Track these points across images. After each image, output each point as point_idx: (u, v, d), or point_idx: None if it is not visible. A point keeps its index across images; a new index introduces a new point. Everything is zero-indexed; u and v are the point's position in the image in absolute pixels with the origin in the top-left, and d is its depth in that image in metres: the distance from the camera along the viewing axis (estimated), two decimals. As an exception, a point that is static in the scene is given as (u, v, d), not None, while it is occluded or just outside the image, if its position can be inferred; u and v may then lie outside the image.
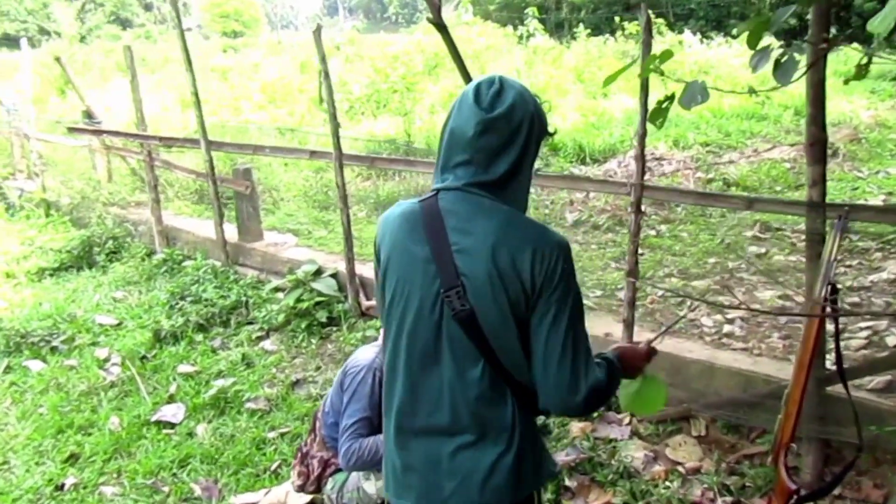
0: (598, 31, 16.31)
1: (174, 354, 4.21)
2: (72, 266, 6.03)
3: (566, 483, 2.71)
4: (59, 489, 3.05)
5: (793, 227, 5.01)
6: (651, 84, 2.79)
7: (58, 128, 8.71)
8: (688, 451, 2.84)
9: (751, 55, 1.49)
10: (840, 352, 1.65)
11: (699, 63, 12.35)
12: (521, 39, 15.03)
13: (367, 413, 2.35)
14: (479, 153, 1.37)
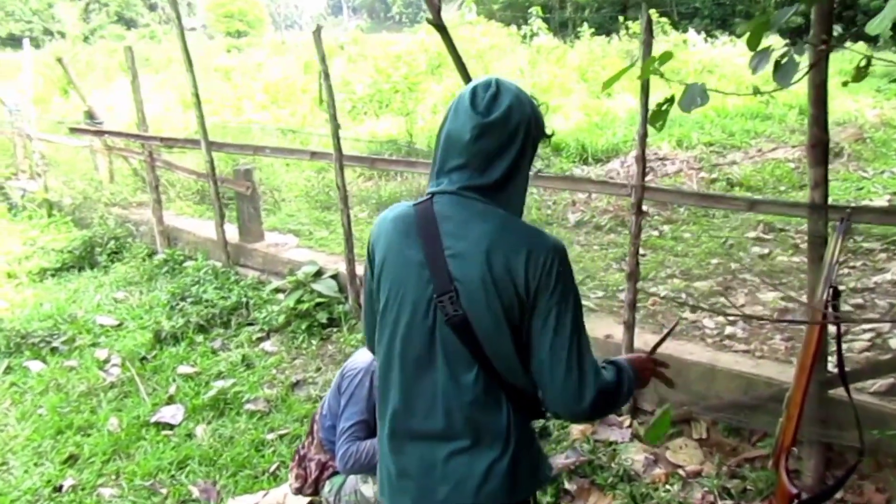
0: (603, 31, 16.29)
1: (174, 355, 4.20)
2: (73, 266, 6.03)
3: (566, 486, 2.70)
4: (58, 490, 3.05)
5: (796, 228, 4.98)
6: (655, 83, 2.76)
7: (60, 128, 8.73)
8: (688, 454, 2.82)
9: (751, 56, 1.47)
10: (842, 355, 1.63)
11: (703, 62, 12.32)
12: (525, 39, 15.00)
13: (365, 416, 2.33)
14: (475, 157, 1.35)
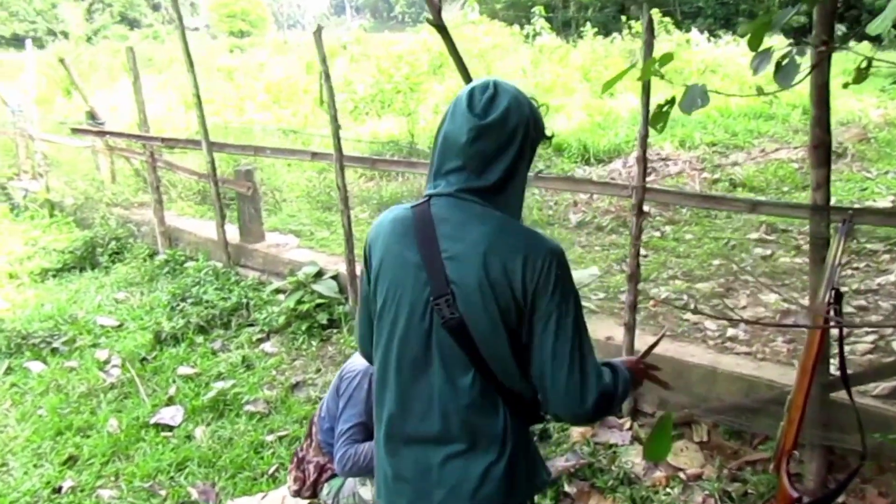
0: (606, 30, 16.26)
1: (174, 356, 4.19)
2: (75, 267, 6.03)
3: (566, 489, 2.69)
4: (57, 492, 3.04)
5: (799, 229, 4.95)
6: (657, 83, 2.74)
7: (62, 128, 8.74)
8: (689, 457, 2.81)
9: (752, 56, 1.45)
10: (843, 358, 1.62)
11: (706, 62, 12.29)
12: (528, 38, 14.99)
13: (363, 418, 2.32)
14: (473, 159, 1.34)
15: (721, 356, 3.19)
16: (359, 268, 4.42)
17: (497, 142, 1.33)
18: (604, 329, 3.46)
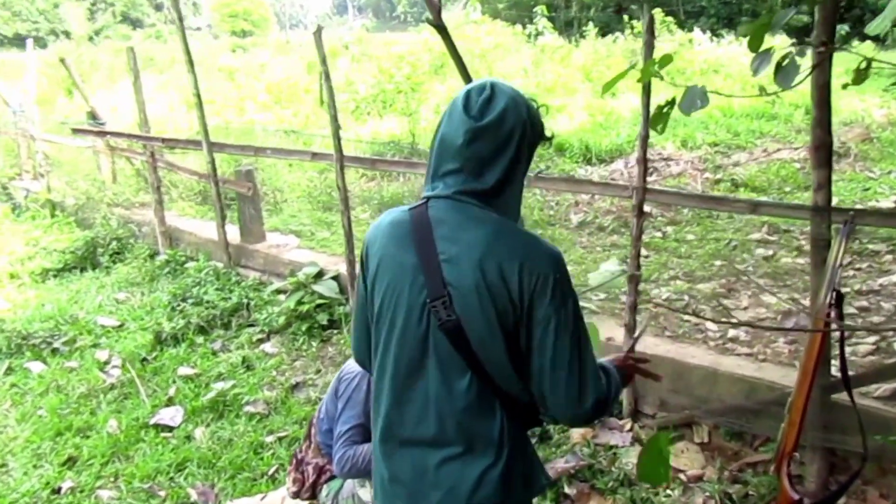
0: (608, 30, 16.23)
1: (174, 357, 4.19)
2: (75, 267, 6.04)
3: (565, 490, 2.68)
4: (56, 493, 3.05)
5: (801, 230, 4.93)
6: (659, 83, 2.73)
7: (63, 129, 8.74)
8: (690, 459, 2.79)
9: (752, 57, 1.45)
10: (844, 359, 1.61)
11: (709, 61, 12.26)
12: (530, 38, 14.95)
13: (362, 420, 2.31)
14: (470, 161, 1.33)
15: (722, 357, 3.18)
16: (359, 268, 4.43)
17: (494, 143, 1.32)
18: (604, 330, 3.44)
